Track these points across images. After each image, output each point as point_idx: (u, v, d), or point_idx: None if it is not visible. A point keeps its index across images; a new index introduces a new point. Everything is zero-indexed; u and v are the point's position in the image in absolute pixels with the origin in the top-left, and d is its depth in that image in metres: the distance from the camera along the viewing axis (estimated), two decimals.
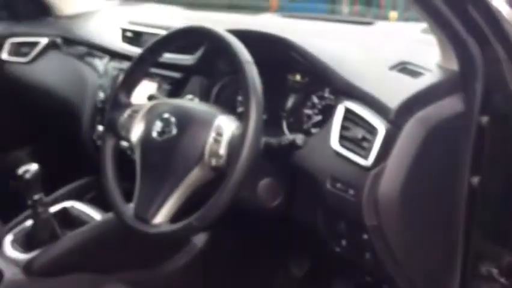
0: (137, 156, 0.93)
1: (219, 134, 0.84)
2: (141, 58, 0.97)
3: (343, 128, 0.89)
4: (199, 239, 1.32)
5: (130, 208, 0.90)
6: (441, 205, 0.85)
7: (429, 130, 0.82)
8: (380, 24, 1.25)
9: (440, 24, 0.79)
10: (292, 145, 0.86)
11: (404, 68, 0.93)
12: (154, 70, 1.24)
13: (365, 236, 0.86)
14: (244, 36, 0.93)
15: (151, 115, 0.92)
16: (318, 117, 1.06)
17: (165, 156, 0.87)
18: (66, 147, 1.52)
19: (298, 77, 1.10)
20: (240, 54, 0.83)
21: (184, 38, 0.95)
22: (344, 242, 0.94)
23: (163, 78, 1.23)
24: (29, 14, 1.79)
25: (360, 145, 0.85)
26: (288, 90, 1.11)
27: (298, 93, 1.09)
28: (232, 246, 1.37)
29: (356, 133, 0.86)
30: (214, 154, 0.83)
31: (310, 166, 0.92)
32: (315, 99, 1.07)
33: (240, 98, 1.17)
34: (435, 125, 0.83)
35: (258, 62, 1.13)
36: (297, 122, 1.08)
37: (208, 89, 1.16)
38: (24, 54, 1.67)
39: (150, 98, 1.05)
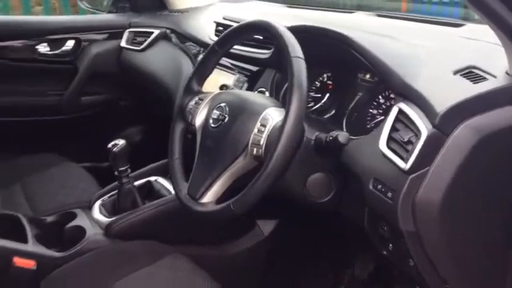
0: (197, 141, 1.01)
1: (263, 125, 0.88)
2: (211, 50, 1.05)
3: (393, 129, 0.87)
4: (266, 227, 1.38)
5: (185, 186, 0.99)
6: (486, 218, 0.79)
7: (481, 138, 0.77)
8: (470, 27, 1.17)
9: (499, 27, 0.73)
10: (335, 142, 0.86)
11: (470, 72, 0.87)
12: (234, 62, 1.32)
13: (404, 242, 0.84)
14: (306, 32, 0.95)
15: (212, 103, 1.00)
16: (381, 118, 1.04)
17: (217, 143, 0.94)
18: (163, 130, 1.67)
19: (368, 76, 1.09)
20: (291, 49, 0.86)
21: (248, 32, 1.01)
22: (390, 246, 0.92)
23: (241, 70, 1.30)
24: (147, 7, 2.00)
25: (404, 148, 0.82)
26: (357, 88, 1.11)
27: (365, 92, 1.08)
28: (298, 240, 1.40)
29: (403, 135, 0.84)
30: (256, 144, 0.88)
31: (358, 165, 0.92)
32: (381, 99, 1.05)
33: (311, 94, 1.19)
34: (490, 133, 0.77)
35: (329, 59, 1.15)
36: (360, 120, 1.08)
37: (279, 84, 1.19)
38: (139, 43, 1.87)
39: (221, 87, 1.12)
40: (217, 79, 1.25)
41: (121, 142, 1.25)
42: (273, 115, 0.89)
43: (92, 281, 1.06)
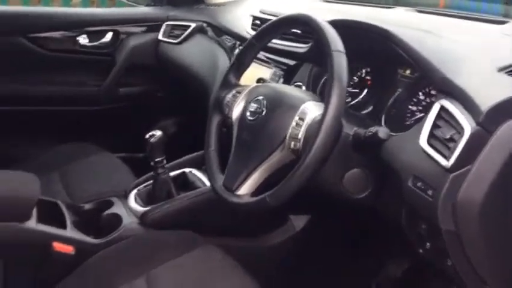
0: (234, 133, 1.02)
1: (301, 119, 0.88)
2: (249, 43, 1.05)
3: (435, 126, 0.86)
4: (299, 222, 1.38)
5: (221, 178, 1.00)
6: None
7: None
8: None
9: None
10: (375, 137, 0.85)
11: None
12: (271, 56, 1.32)
13: (443, 241, 0.82)
14: (346, 26, 0.94)
15: (250, 96, 1.00)
16: (421, 114, 1.02)
17: (254, 136, 0.94)
18: (197, 122, 1.69)
19: (408, 72, 1.08)
20: (331, 43, 0.86)
21: (287, 26, 1.00)
22: (427, 245, 0.91)
23: (278, 64, 1.30)
24: (185, 1, 2.02)
25: (446, 145, 0.81)
26: (396, 84, 1.09)
27: (405, 88, 1.07)
28: (330, 236, 1.40)
29: (445, 132, 0.82)
30: (294, 137, 0.88)
31: (397, 162, 0.90)
32: (421, 96, 1.04)
33: (350, 89, 1.18)
34: None
35: (368, 54, 1.13)
36: (399, 117, 1.06)
37: (316, 78, 1.19)
38: (176, 36, 1.89)
39: (258, 81, 1.13)
40: (254, 72, 1.25)
41: (158, 133, 1.28)
42: (312, 109, 0.89)
43: (128, 267, 1.08)
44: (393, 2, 2.48)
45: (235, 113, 1.03)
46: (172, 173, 1.36)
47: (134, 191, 1.34)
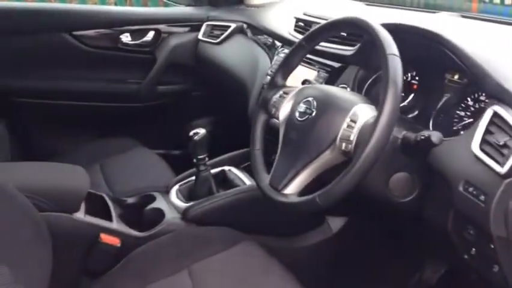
0: (280, 133, 1.03)
1: (353, 121, 0.88)
2: (299, 45, 1.06)
3: (487, 132, 0.85)
4: (336, 224, 1.38)
5: (267, 177, 1.01)
6: None
7: None
8: None
9: None
10: (427, 141, 0.85)
11: None
12: (315, 58, 1.33)
13: (492, 246, 0.82)
14: (398, 30, 0.94)
15: (298, 97, 1.01)
16: (469, 120, 1.02)
17: (303, 136, 0.95)
18: (235, 121, 1.71)
19: (456, 77, 1.07)
20: (386, 46, 0.86)
21: (339, 28, 1.01)
22: (473, 251, 0.91)
23: (322, 66, 1.31)
24: (225, 1, 2.04)
25: (500, 151, 0.80)
26: (444, 89, 1.08)
27: (453, 93, 1.06)
28: (367, 240, 1.40)
29: (498, 138, 0.82)
30: (345, 139, 0.88)
31: (447, 167, 0.90)
32: (470, 101, 1.03)
33: None
34: None
35: (415, 58, 1.13)
36: (447, 122, 1.06)
37: (362, 80, 1.19)
38: (216, 36, 1.92)
39: (304, 82, 1.14)
40: (298, 74, 1.26)
41: (201, 131, 1.30)
42: (364, 111, 0.90)
43: (171, 261, 1.11)
44: (422, 6, 2.46)
45: (283, 113, 1.04)
46: (211, 171, 1.39)
47: (176, 187, 1.37)
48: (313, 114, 0.95)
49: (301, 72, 1.30)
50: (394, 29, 0.93)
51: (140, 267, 1.12)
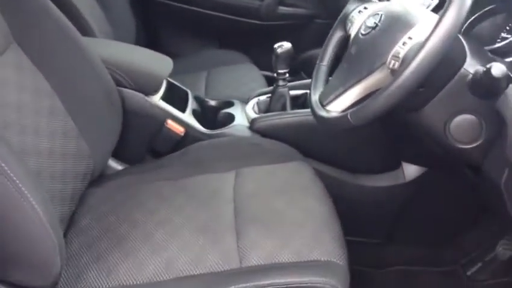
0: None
1: (410, 37, 0.78)
2: None
3: None
4: (410, 172, 1.27)
5: (319, 92, 0.96)
6: None
7: None
8: None
9: None
10: (487, 75, 0.72)
11: None
12: None
13: None
14: None
15: (371, 12, 0.92)
16: None
17: (360, 51, 0.88)
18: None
19: None
20: None
21: None
22: None
23: None
24: None
25: None
26: None
27: None
28: (442, 199, 1.26)
29: None
30: (395, 56, 0.79)
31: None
32: None
33: (503, 34, 1.00)
34: None
35: None
36: None
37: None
38: None
39: None
40: None
41: (287, 45, 1.27)
42: (427, 29, 0.78)
43: (224, 160, 1.14)
44: None
45: (354, 29, 0.96)
46: (295, 91, 1.36)
47: (255, 99, 1.38)
48: (377, 28, 0.86)
49: None
50: None
51: (196, 158, 1.17)
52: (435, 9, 1.12)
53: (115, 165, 1.23)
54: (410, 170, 1.26)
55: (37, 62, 0.98)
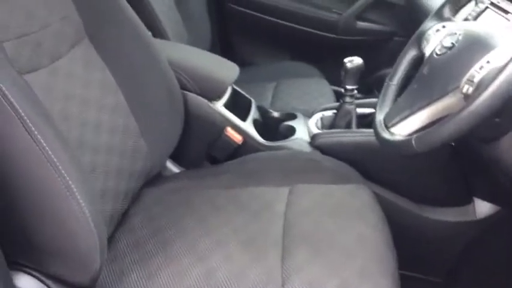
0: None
1: (488, 61, 0.70)
2: None
3: None
4: (482, 210, 1.16)
5: (385, 113, 0.90)
6: None
7: None
8: None
9: None
10: None
11: None
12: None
13: None
14: None
15: (449, 31, 0.85)
16: None
17: (433, 72, 0.81)
18: None
19: None
20: None
21: None
22: None
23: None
24: None
25: None
26: None
27: None
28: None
29: None
30: (470, 80, 0.71)
31: None
32: None
33: None
34: None
35: None
36: None
37: None
38: None
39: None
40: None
41: (357, 60, 1.22)
42: (509, 51, 0.70)
43: (279, 174, 1.10)
44: None
45: (429, 48, 0.89)
46: (362, 109, 1.30)
47: (319, 114, 1.33)
48: (454, 49, 0.79)
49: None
50: None
51: (252, 168, 1.15)
52: None
53: (172, 167, 1.24)
54: (483, 207, 1.15)
55: (106, 59, 0.99)
